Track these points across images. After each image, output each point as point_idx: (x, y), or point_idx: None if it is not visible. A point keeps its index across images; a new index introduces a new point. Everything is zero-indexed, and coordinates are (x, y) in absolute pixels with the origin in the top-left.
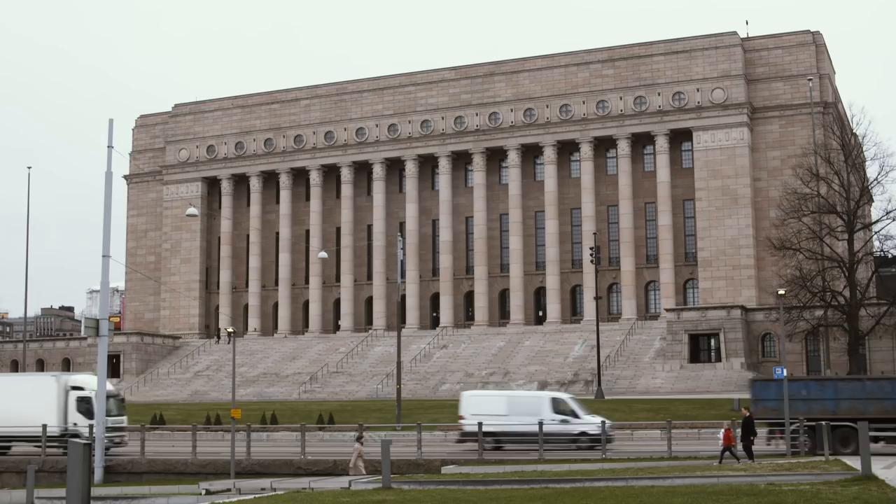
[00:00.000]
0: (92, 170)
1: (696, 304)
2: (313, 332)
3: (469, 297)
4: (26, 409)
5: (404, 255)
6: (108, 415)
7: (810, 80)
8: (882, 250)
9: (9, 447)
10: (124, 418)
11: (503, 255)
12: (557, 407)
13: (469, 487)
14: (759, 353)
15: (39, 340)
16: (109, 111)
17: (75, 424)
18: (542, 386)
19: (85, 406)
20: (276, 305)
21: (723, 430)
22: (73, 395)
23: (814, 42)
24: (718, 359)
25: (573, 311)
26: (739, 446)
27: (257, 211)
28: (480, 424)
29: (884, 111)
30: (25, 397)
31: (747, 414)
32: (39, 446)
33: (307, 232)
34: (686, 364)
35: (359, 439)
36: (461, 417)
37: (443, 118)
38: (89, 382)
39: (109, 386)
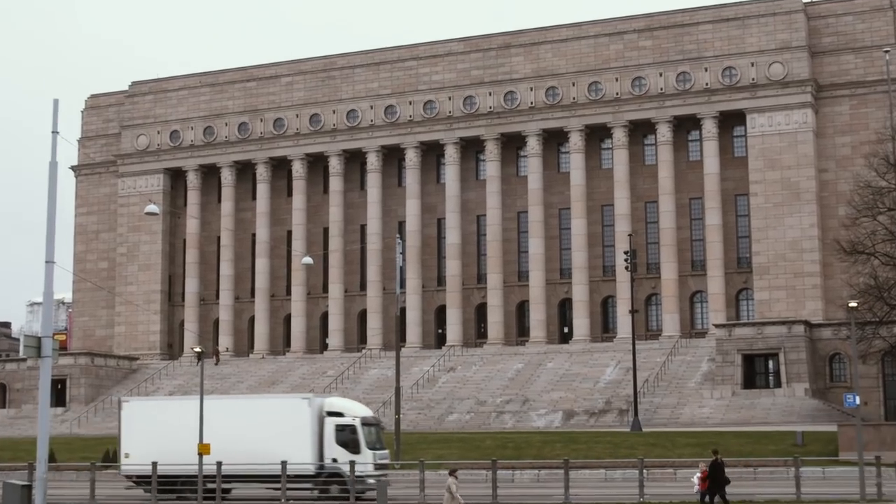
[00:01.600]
0: (33, 159)
1: (750, 318)
2: (296, 352)
3: (481, 311)
4: (267, 440)
5: (404, 260)
6: (373, 448)
7: (887, 51)
8: None
9: (229, 489)
10: (388, 451)
11: (521, 261)
12: None
13: None
14: (826, 376)
15: None
16: (54, 90)
17: (334, 460)
18: (568, 416)
19: (347, 437)
20: (251, 320)
21: (698, 474)
22: (331, 422)
23: (891, 6)
24: (778, 384)
25: (604, 326)
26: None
27: (230, 208)
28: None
29: None
30: (267, 425)
31: (716, 458)
32: (280, 488)
33: (289, 233)
34: (739, 390)
35: (452, 473)
36: None
37: (450, 98)
38: (350, 407)
39: (367, 410)
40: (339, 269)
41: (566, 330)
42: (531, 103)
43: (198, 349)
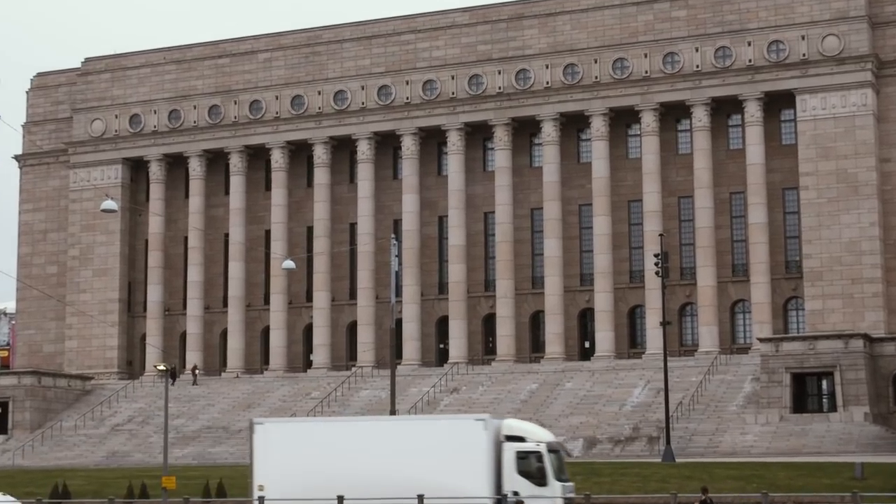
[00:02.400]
0: None
1: (801, 331)
2: (275, 370)
3: (489, 323)
4: (432, 470)
5: (400, 264)
6: (559, 479)
7: None
8: None
9: None
10: (573, 484)
11: (535, 265)
12: None
13: None
14: (889, 399)
15: None
16: None
17: (515, 493)
18: (590, 444)
19: (530, 465)
20: (224, 333)
21: None
22: (510, 448)
23: None
24: (833, 407)
25: (631, 341)
26: None
27: (199, 204)
28: None
29: None
30: (432, 452)
31: (705, 497)
32: None
33: (267, 233)
34: (788, 414)
35: None
36: None
37: (453, 78)
38: (532, 431)
39: (550, 435)
40: (326, 274)
41: (587, 345)
42: (547, 83)
43: (162, 367)
